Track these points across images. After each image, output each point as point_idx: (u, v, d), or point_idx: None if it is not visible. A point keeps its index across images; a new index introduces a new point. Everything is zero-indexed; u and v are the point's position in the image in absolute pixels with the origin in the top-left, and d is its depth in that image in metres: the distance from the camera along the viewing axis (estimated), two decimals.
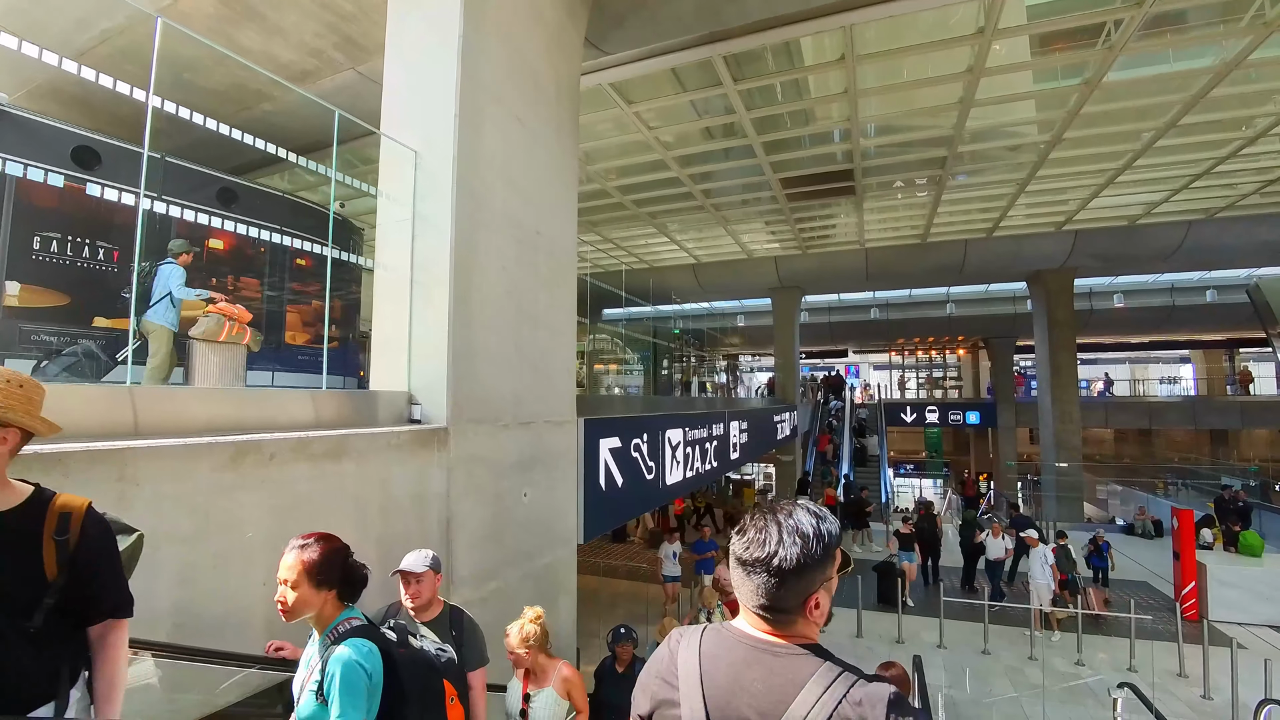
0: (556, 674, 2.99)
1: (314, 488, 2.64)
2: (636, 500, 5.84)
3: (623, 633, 3.86)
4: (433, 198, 3.67)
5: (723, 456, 9.10)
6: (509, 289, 4.06)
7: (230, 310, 4.53)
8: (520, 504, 4.05)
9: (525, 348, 4.21)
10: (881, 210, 13.53)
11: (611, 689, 3.80)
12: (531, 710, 2.93)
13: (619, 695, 3.74)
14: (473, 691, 2.53)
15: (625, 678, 3.76)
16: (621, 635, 3.85)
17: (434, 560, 2.57)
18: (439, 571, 2.61)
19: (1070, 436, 16.55)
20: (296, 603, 1.73)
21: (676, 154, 10.11)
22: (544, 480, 4.32)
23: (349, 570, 1.84)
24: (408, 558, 2.53)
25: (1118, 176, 11.15)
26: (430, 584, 2.56)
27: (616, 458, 5.35)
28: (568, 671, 3.01)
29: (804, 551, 1.03)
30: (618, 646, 3.85)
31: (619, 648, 3.84)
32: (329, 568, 1.77)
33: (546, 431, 4.40)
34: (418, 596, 2.51)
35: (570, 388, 4.78)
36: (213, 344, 4.42)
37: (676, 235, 15.39)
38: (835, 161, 10.52)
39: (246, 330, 4.63)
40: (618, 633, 3.85)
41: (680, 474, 7.09)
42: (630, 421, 5.73)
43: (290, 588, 1.73)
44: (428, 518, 3.26)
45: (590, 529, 4.84)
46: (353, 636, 1.74)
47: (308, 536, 1.81)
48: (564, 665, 3.04)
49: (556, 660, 3.07)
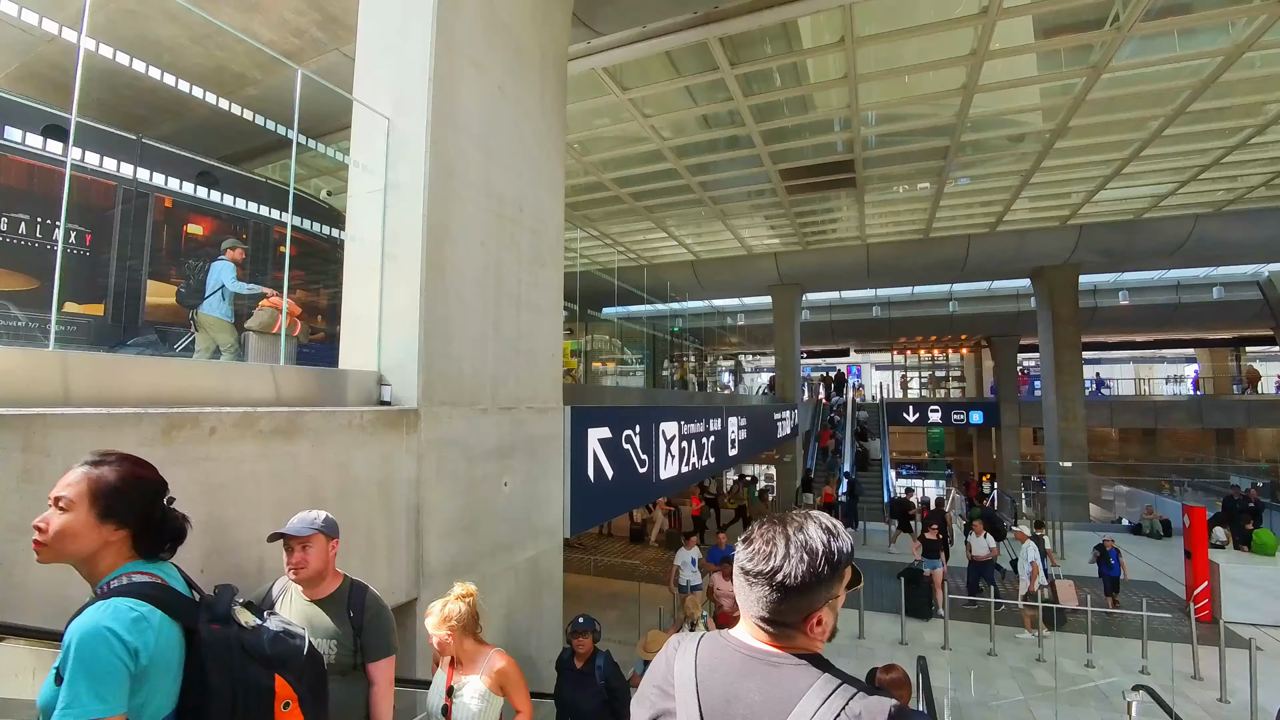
0: (487, 663, 2.56)
1: (261, 468, 2.41)
2: (628, 494, 5.61)
3: (581, 623, 3.53)
4: (404, 165, 3.45)
5: (720, 452, 8.86)
6: (487, 265, 3.84)
7: (280, 303, 4.46)
8: (499, 493, 3.82)
9: (506, 328, 3.99)
10: (883, 204, 13.31)
11: (566, 685, 3.52)
12: (456, 704, 2.50)
13: (575, 692, 3.46)
14: (374, 688, 2.19)
15: (585, 675, 3.48)
16: (580, 626, 3.52)
17: (327, 523, 2.18)
18: (334, 537, 2.20)
19: (1075, 435, 16.28)
20: (61, 534, 1.23)
21: (673, 144, 9.90)
22: (526, 469, 4.09)
23: (158, 512, 1.37)
24: (293, 519, 2.15)
25: (1124, 168, 10.91)
26: (321, 552, 2.14)
27: (606, 449, 5.12)
28: (502, 662, 2.57)
29: (810, 569, 1.00)
30: (575, 638, 3.51)
31: (576, 639, 3.51)
32: (127, 498, 1.31)
33: (529, 418, 4.17)
34: (302, 566, 2.10)
35: (556, 373, 4.55)
36: (265, 335, 4.39)
37: (675, 231, 15.18)
38: (835, 152, 10.30)
39: (298, 323, 4.73)
40: (576, 623, 3.54)
41: (675, 468, 6.85)
42: (621, 412, 5.50)
43: (59, 509, 1.24)
44: (393, 505, 3.03)
45: (578, 522, 4.60)
46: (120, 595, 1.22)
47: (109, 453, 1.36)
48: (497, 654, 2.62)
49: (487, 647, 2.63)
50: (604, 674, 3.47)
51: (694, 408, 7.80)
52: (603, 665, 3.50)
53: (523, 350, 4.15)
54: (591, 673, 3.49)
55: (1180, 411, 21.91)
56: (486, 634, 3.59)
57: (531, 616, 4.09)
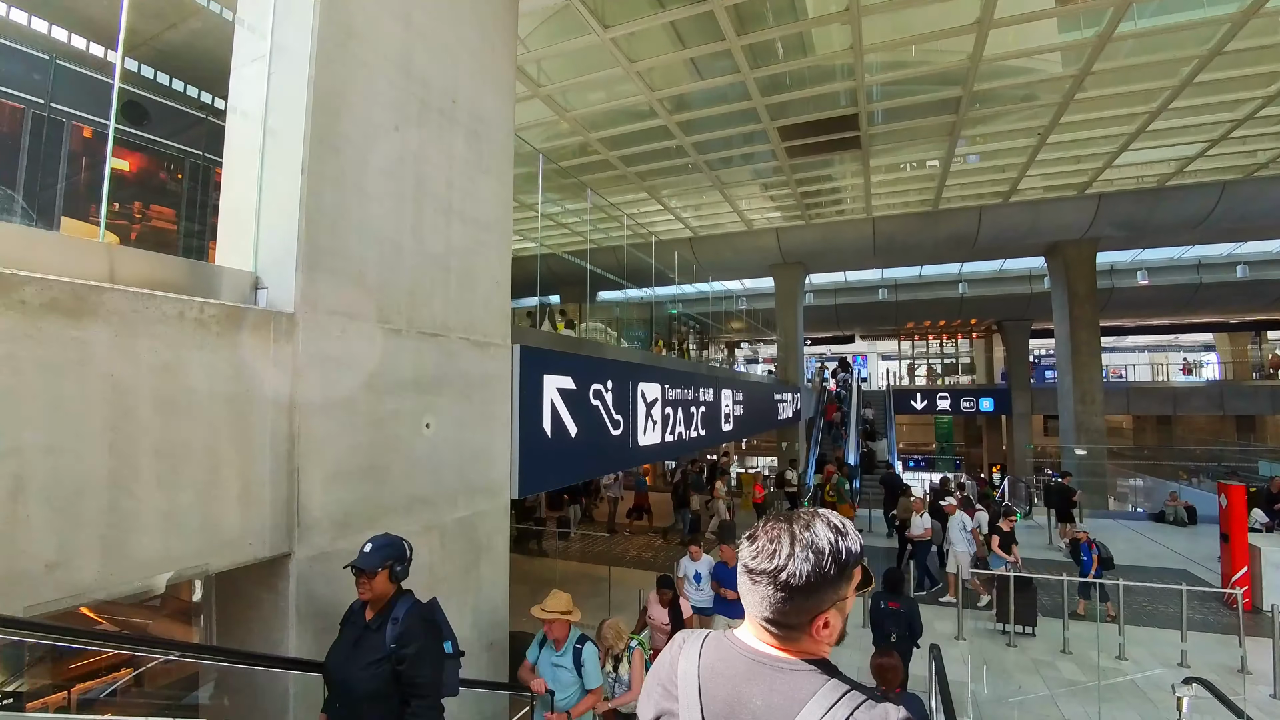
0: None
1: (25, 354, 1.72)
2: (597, 457, 4.90)
3: (369, 549, 2.41)
4: (291, 21, 2.75)
5: (712, 425, 8.14)
6: (404, 157, 3.13)
7: None
8: (419, 437, 3.12)
9: (431, 239, 3.28)
10: (889, 171, 12.54)
11: (336, 651, 2.41)
12: None
13: (345, 661, 2.37)
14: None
15: (371, 635, 2.36)
16: (366, 555, 2.39)
17: None
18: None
19: (1092, 419, 15.46)
20: None
21: (662, 95, 9.16)
22: (458, 412, 3.39)
23: None
24: None
25: (1151, 123, 10.10)
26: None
27: (569, 402, 4.42)
28: None
29: (815, 569, 0.97)
30: (359, 578, 2.39)
31: (360, 581, 2.38)
32: None
33: (463, 351, 3.46)
34: None
35: (502, 305, 3.84)
36: None
37: (671, 203, 14.45)
38: (838, 104, 9.54)
39: None
40: (363, 551, 2.42)
41: (658, 436, 6.14)
42: (587, 362, 4.79)
43: None
44: (252, 431, 2.33)
45: (529, 481, 3.90)
46: None
47: None
48: None
49: None
50: (398, 633, 2.30)
51: (681, 371, 7.07)
52: (402, 618, 2.34)
53: (455, 269, 3.44)
54: (381, 630, 2.33)
55: (1201, 397, 21.02)
56: None
57: (462, 590, 3.39)
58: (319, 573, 2.56)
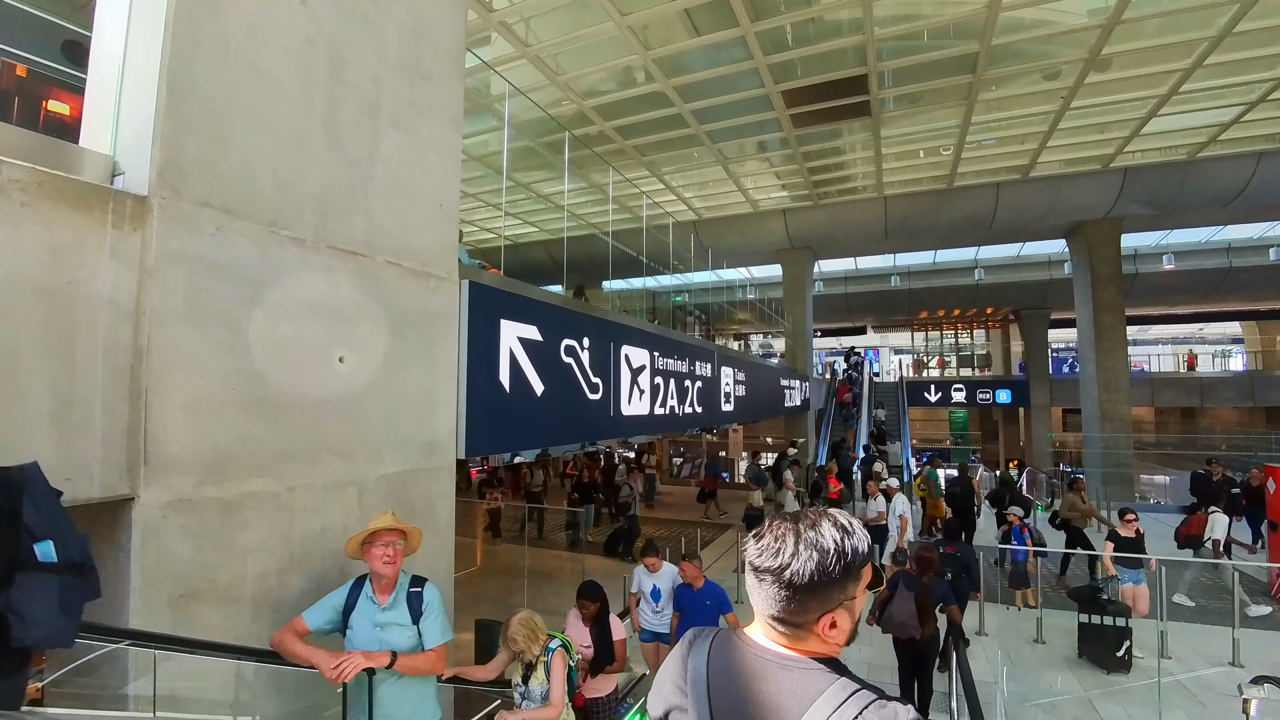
0: None
1: None
2: (570, 421, 4.35)
3: None
4: None
5: (709, 403, 7.57)
6: (314, 38, 2.61)
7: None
8: (330, 373, 2.59)
9: (351, 140, 2.76)
10: (901, 143, 11.89)
11: None
12: None
13: None
14: None
15: None
16: None
17: None
18: None
19: (1118, 407, 14.67)
20: None
21: (658, 54, 8.61)
22: (386, 349, 2.86)
23: None
24: None
25: (1183, 83, 9.39)
26: None
27: (534, 354, 3.88)
28: None
29: (820, 567, 0.97)
30: None
31: None
32: None
33: (395, 279, 2.93)
34: None
35: (447, 233, 3.31)
36: None
37: (674, 182, 13.89)
38: (846, 64, 8.93)
39: None
40: None
41: (645, 406, 5.58)
42: (557, 313, 4.24)
43: None
44: (75, 335, 1.81)
45: (480, 439, 3.36)
46: None
47: None
48: None
49: None
50: None
51: (673, 340, 6.51)
52: None
53: (383, 182, 2.91)
54: None
55: (1230, 388, 20.08)
56: (305, 578, 2.43)
57: None
58: (178, 526, 2.03)
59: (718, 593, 4.47)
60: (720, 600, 4.43)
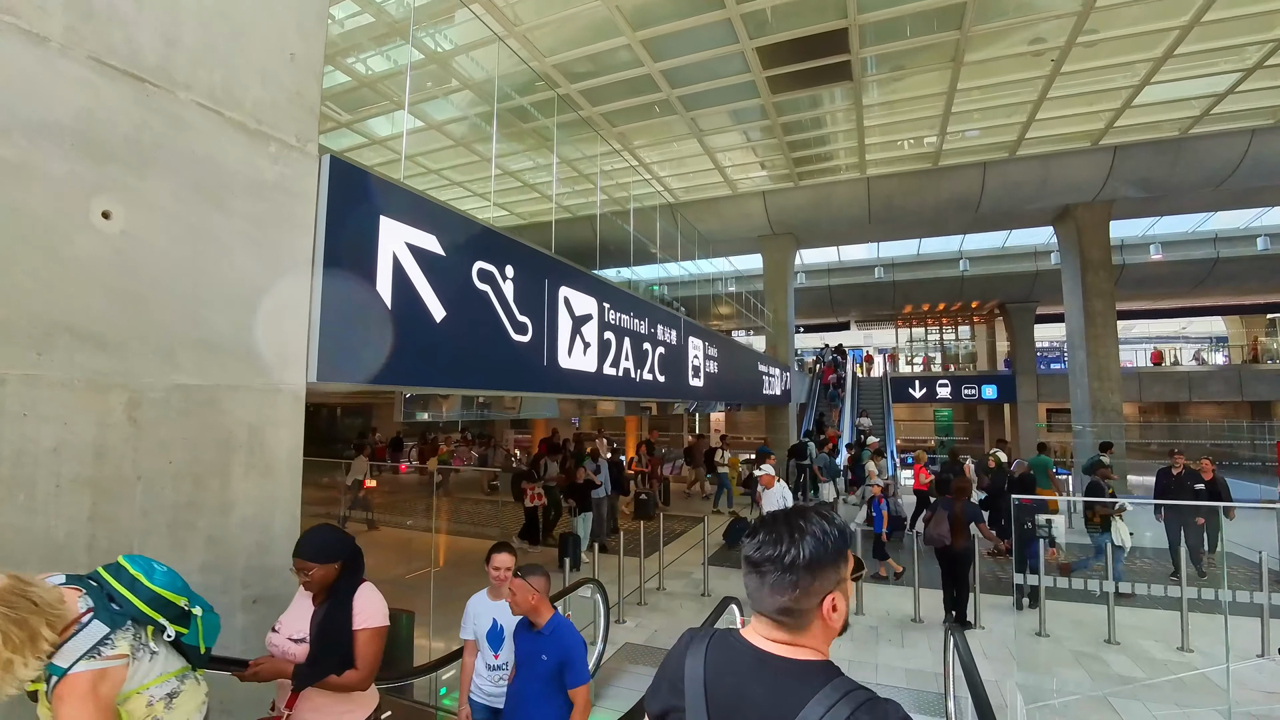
0: None
1: None
2: (485, 362, 3.57)
3: None
4: None
5: (674, 373, 6.83)
6: None
7: None
8: (86, 232, 1.81)
9: None
10: (885, 114, 11.31)
11: None
12: None
13: None
14: None
15: None
16: None
17: None
18: None
19: (1109, 396, 14.17)
20: None
21: (623, 3, 7.93)
22: (189, 216, 2.08)
23: None
24: None
25: (1180, 43, 8.90)
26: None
27: (432, 270, 3.11)
28: None
29: (818, 545, 1.02)
30: None
31: None
32: None
33: (207, 126, 2.16)
34: None
35: (304, 88, 2.53)
36: None
37: (647, 157, 13.20)
38: (826, 15, 8.31)
39: None
40: None
41: (592, 363, 4.82)
42: (468, 226, 3.47)
43: None
44: None
45: (339, 362, 2.57)
46: None
47: None
48: None
49: None
50: None
51: (628, 295, 5.77)
52: None
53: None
54: None
55: (1218, 382, 19.78)
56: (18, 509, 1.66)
57: (191, 507, 2.06)
58: None
59: (565, 642, 2.47)
60: (565, 655, 2.44)
